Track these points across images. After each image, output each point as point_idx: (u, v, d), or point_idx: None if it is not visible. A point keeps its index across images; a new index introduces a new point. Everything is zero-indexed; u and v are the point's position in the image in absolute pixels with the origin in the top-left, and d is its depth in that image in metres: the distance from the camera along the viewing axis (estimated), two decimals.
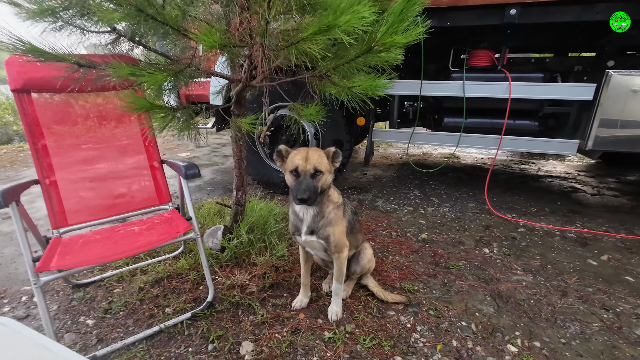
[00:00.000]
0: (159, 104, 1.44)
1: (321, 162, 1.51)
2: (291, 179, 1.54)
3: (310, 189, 1.45)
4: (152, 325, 1.79)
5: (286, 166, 1.56)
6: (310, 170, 1.48)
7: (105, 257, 1.48)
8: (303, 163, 1.48)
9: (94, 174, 2.01)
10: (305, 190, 1.42)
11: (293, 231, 1.74)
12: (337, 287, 1.82)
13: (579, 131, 2.99)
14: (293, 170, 1.50)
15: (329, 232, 1.64)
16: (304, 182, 1.46)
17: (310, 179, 1.48)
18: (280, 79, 2.00)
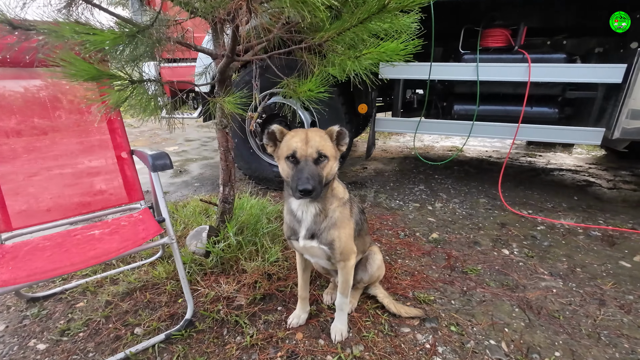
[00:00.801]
0: (110, 72, 1.11)
1: (325, 145, 1.21)
2: (287, 167, 1.23)
3: (314, 177, 1.15)
4: (117, 350, 1.47)
5: (280, 151, 1.25)
6: (312, 155, 1.19)
7: (46, 272, 1.15)
8: (303, 146, 1.18)
9: (45, 167, 1.67)
10: (308, 178, 1.12)
11: (289, 235, 1.42)
12: (341, 301, 1.51)
13: (604, 119, 2.70)
14: (290, 155, 1.20)
15: (333, 236, 1.33)
16: (305, 168, 1.16)
17: (313, 165, 1.19)
18: (272, 53, 1.67)
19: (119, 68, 1.22)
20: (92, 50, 0.99)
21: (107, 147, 1.77)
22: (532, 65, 2.61)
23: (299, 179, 1.14)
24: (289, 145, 1.21)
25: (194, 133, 6.90)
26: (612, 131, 2.62)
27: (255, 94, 2.21)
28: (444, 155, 5.07)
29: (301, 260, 1.57)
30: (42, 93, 1.66)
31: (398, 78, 3.02)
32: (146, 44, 1.18)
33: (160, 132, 7.01)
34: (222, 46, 1.84)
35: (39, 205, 1.62)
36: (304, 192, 1.12)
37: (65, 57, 0.97)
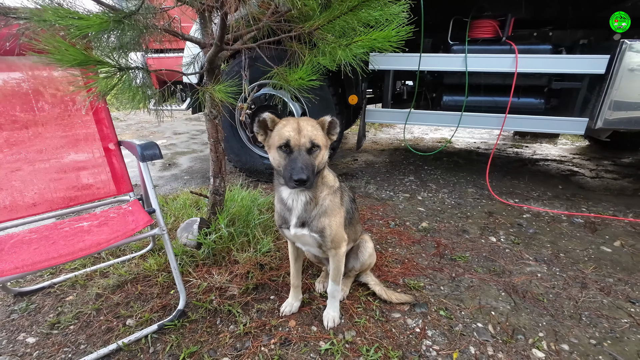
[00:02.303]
0: (98, 58, 1.08)
1: (317, 135, 1.21)
2: (280, 156, 1.22)
3: (308, 166, 1.15)
4: (109, 342, 1.46)
5: (272, 140, 1.24)
6: (305, 145, 1.18)
7: (34, 264, 1.13)
8: (296, 135, 1.18)
9: (30, 159, 1.63)
10: (302, 168, 1.12)
11: (280, 223, 1.43)
12: (333, 289, 1.53)
13: (588, 109, 2.77)
14: (283, 145, 1.19)
15: (324, 224, 1.34)
16: (299, 158, 1.16)
17: (307, 155, 1.19)
18: (262, 41, 1.65)
19: (105, 55, 1.19)
20: (77, 35, 0.96)
21: (94, 139, 1.73)
22: (520, 56, 2.65)
23: (292, 168, 1.14)
24: (281, 135, 1.20)
25: (182, 126, 6.79)
26: (595, 121, 2.69)
27: (245, 84, 2.18)
28: (433, 147, 5.13)
29: (293, 249, 1.58)
30: (23, 84, 1.61)
31: (388, 69, 3.03)
32: (133, 29, 1.15)
33: (147, 125, 6.88)
34: (210, 35, 1.81)
35: (25, 200, 1.59)
36: (298, 182, 1.12)
37: (51, 42, 0.94)
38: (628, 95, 2.53)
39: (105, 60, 1.11)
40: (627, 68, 2.47)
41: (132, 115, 7.87)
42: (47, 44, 0.96)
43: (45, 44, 0.96)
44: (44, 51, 1.01)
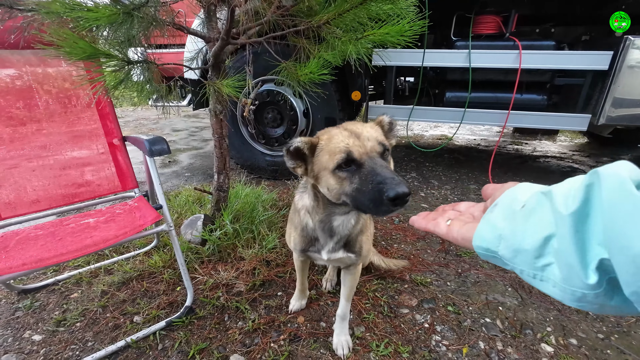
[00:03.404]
0: (106, 51, 1.06)
1: (380, 134, 0.95)
2: (339, 181, 0.88)
3: (395, 175, 0.82)
4: (117, 339, 1.45)
5: (320, 163, 0.92)
6: (375, 148, 0.88)
7: (42, 260, 1.12)
8: (356, 141, 0.87)
9: (34, 155, 1.60)
10: (395, 177, 0.78)
11: (303, 247, 1.20)
12: (345, 310, 1.39)
13: (591, 105, 2.78)
14: (342, 161, 0.86)
15: (361, 242, 1.18)
16: (378, 167, 0.82)
17: (383, 161, 0.88)
18: (268, 36, 1.63)
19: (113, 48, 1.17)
20: (86, 27, 0.94)
21: (99, 134, 1.71)
22: (523, 52, 2.65)
23: (380, 183, 0.78)
24: (334, 149, 0.87)
25: (181, 123, 6.74)
26: (597, 117, 2.70)
27: (249, 80, 2.16)
28: (434, 144, 5.13)
29: (302, 265, 1.47)
30: (26, 78, 1.58)
31: (391, 65, 3.01)
32: (141, 22, 1.13)
33: (145, 122, 6.82)
34: (215, 29, 1.79)
35: (28, 196, 1.56)
36: (401, 198, 0.75)
37: (59, 34, 0.92)
38: (631, 92, 2.53)
39: (114, 54, 1.09)
40: (631, 64, 2.47)
41: (130, 112, 7.81)
42: (55, 35, 0.94)
43: (53, 35, 0.94)
44: (51, 43, 0.99)
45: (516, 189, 0.51)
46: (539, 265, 0.42)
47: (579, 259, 0.37)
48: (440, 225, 0.60)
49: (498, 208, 0.50)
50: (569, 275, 0.39)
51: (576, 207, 0.38)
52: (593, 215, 0.37)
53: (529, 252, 0.43)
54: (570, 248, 0.38)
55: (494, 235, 0.48)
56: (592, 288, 0.37)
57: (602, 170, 0.37)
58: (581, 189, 0.38)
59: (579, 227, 0.37)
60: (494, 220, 0.49)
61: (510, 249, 0.45)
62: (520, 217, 0.46)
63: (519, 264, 0.45)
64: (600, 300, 0.37)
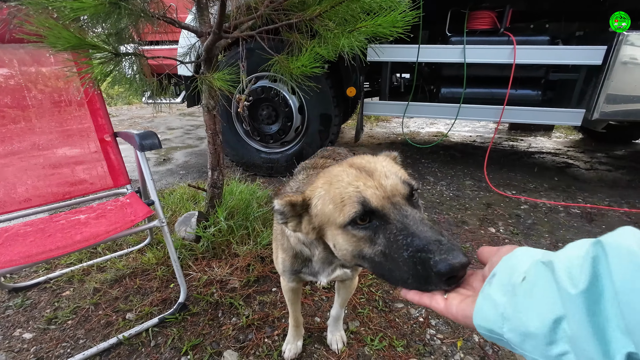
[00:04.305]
0: (93, 42, 1.04)
1: (400, 169, 0.72)
2: (355, 242, 0.63)
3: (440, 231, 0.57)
4: (109, 336, 1.43)
5: (321, 218, 0.68)
6: (400, 190, 0.64)
7: (30, 257, 1.10)
8: (372, 182, 0.64)
9: (22, 151, 1.58)
10: (449, 244, 0.53)
11: (297, 269, 0.99)
12: (340, 313, 1.35)
13: (585, 100, 2.79)
14: (360, 214, 0.61)
15: None
16: (414, 223, 0.58)
17: (414, 209, 0.63)
18: (261, 29, 1.62)
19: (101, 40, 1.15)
20: (71, 18, 0.92)
21: (89, 130, 1.69)
22: (517, 47, 2.65)
23: (424, 249, 0.53)
24: (340, 196, 0.63)
25: (176, 121, 6.70)
26: (591, 112, 2.71)
27: (243, 75, 2.14)
28: (430, 141, 5.13)
29: (293, 295, 1.23)
30: (13, 73, 1.56)
31: (386, 61, 3.01)
32: (129, 15, 1.11)
33: (140, 120, 6.77)
34: (207, 23, 1.77)
35: (16, 191, 1.54)
36: (457, 271, 0.51)
37: (43, 23, 0.90)
38: (624, 86, 2.55)
39: (100, 45, 1.07)
40: (624, 59, 2.48)
41: (124, 110, 7.75)
42: (39, 25, 0.92)
43: (37, 25, 0.92)
44: (36, 34, 0.97)
45: (513, 257, 0.45)
46: (552, 353, 0.36)
47: (600, 351, 0.31)
48: (438, 299, 0.52)
49: (496, 280, 0.45)
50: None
51: (585, 285, 0.33)
52: (607, 297, 0.31)
53: (538, 337, 0.37)
54: (587, 335, 0.32)
55: (496, 314, 0.42)
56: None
57: (607, 242, 0.33)
58: (587, 262, 0.34)
59: (592, 309, 0.32)
60: (493, 295, 0.43)
61: (516, 332, 0.39)
62: (521, 293, 0.40)
63: (530, 350, 0.38)
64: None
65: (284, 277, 1.09)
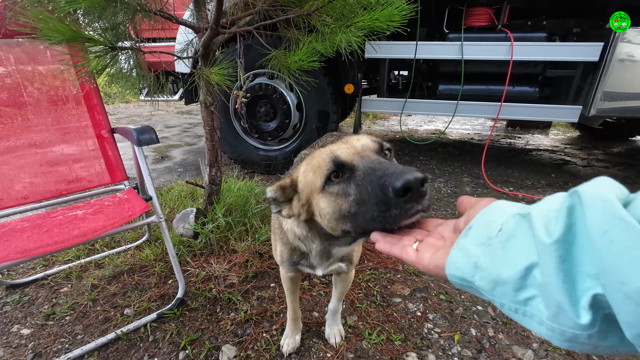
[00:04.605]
0: (88, 35, 1.03)
1: (376, 139, 0.75)
2: (333, 199, 0.65)
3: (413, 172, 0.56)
4: (107, 331, 1.43)
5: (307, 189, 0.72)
6: (369, 146, 0.70)
7: (27, 251, 1.10)
8: (345, 145, 0.70)
9: (19, 146, 1.57)
10: (404, 168, 0.56)
11: (295, 260, 1.03)
12: (337, 307, 1.35)
13: (582, 97, 2.80)
14: (331, 171, 0.66)
15: (354, 251, 1.07)
16: (377, 164, 0.61)
17: (382, 158, 0.67)
18: (258, 24, 1.62)
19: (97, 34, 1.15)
20: (66, 10, 0.91)
21: (87, 127, 1.68)
22: (515, 43, 2.66)
23: (383, 176, 0.56)
24: (318, 163, 0.69)
25: (174, 119, 6.68)
26: (588, 109, 2.72)
27: (240, 71, 2.14)
28: (428, 138, 5.14)
29: (292, 285, 1.24)
30: (10, 68, 1.55)
31: (384, 57, 3.01)
32: (126, 9, 1.11)
33: (138, 118, 6.75)
34: (205, 19, 1.76)
35: (13, 187, 1.54)
36: (414, 186, 0.52)
37: (38, 15, 0.89)
38: (621, 83, 2.56)
39: (96, 38, 1.06)
40: (620, 56, 2.49)
41: (122, 108, 7.73)
42: (34, 18, 0.91)
43: (32, 18, 0.92)
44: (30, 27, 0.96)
45: (491, 210, 0.46)
46: (520, 298, 0.37)
47: (567, 294, 0.32)
48: (408, 251, 0.51)
49: (472, 232, 0.45)
50: (557, 313, 0.34)
51: (559, 234, 0.33)
52: (579, 243, 0.33)
53: (508, 284, 0.38)
54: (557, 281, 0.33)
55: (469, 264, 0.43)
56: (585, 328, 0.32)
57: (583, 191, 0.33)
58: (563, 212, 0.34)
59: (564, 256, 0.33)
60: (468, 247, 0.44)
61: (487, 280, 0.40)
62: (497, 244, 0.41)
63: (499, 296, 0.40)
64: (594, 341, 0.33)
65: (283, 267, 1.12)
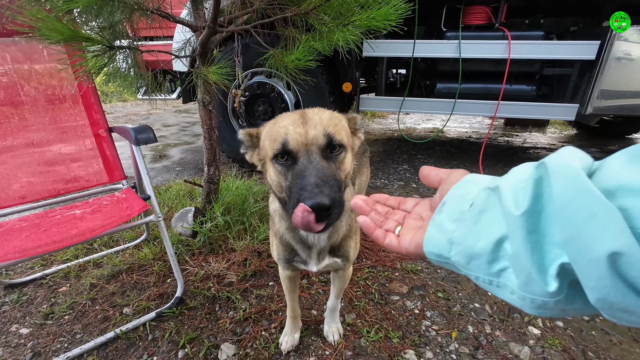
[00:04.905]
0: (86, 34, 1.03)
1: (337, 127, 0.77)
2: (276, 173, 0.77)
3: (328, 179, 0.67)
4: (106, 330, 1.44)
5: (265, 147, 0.80)
6: (317, 141, 0.73)
7: (26, 251, 1.10)
8: (298, 128, 0.73)
9: (16, 146, 1.57)
10: (319, 184, 0.65)
11: (288, 257, 1.06)
12: (335, 304, 1.35)
13: (578, 95, 2.81)
14: (279, 152, 0.74)
15: (349, 247, 1.06)
16: (310, 168, 0.69)
17: (323, 160, 0.72)
18: (256, 22, 1.61)
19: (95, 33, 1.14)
20: (64, 9, 0.91)
21: (84, 126, 1.68)
22: (512, 42, 2.67)
23: (302, 188, 0.65)
24: (275, 134, 0.75)
25: (171, 118, 6.67)
26: (585, 107, 2.74)
27: (239, 70, 2.14)
28: (426, 137, 5.15)
29: (290, 284, 1.25)
30: (7, 67, 1.54)
31: (382, 56, 3.01)
32: (123, 8, 1.11)
33: (135, 117, 6.73)
34: (202, 17, 1.76)
35: (11, 187, 1.53)
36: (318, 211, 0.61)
37: (36, 15, 0.89)
38: (618, 81, 2.57)
39: (94, 37, 1.06)
40: (617, 54, 2.50)
41: (119, 107, 7.70)
42: (32, 17, 0.91)
43: (30, 17, 0.91)
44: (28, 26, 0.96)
45: (464, 183, 0.46)
46: (493, 270, 0.38)
47: (535, 264, 0.33)
48: (391, 238, 0.53)
49: (446, 208, 0.46)
50: (526, 282, 0.35)
51: (527, 206, 0.34)
52: (546, 214, 0.33)
53: (482, 257, 0.39)
54: (525, 252, 0.34)
55: (445, 240, 0.44)
56: (553, 295, 0.33)
57: (550, 162, 0.34)
58: (530, 184, 0.35)
59: (532, 227, 0.34)
60: (442, 222, 0.45)
61: (462, 255, 0.41)
62: (469, 218, 0.42)
63: (474, 269, 0.41)
64: (561, 306, 0.34)
65: (280, 265, 1.15)
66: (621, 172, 0.30)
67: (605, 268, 0.27)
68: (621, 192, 0.28)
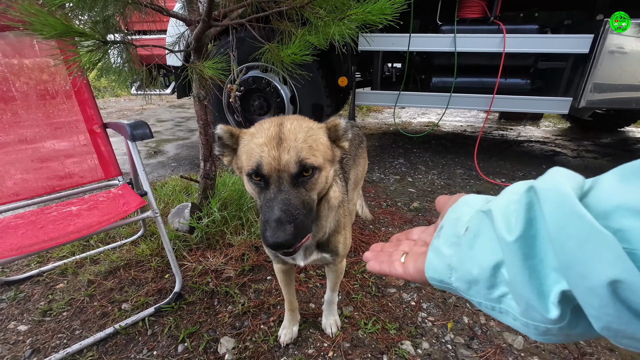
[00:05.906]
0: (80, 29, 1.01)
1: (312, 147, 0.78)
2: (252, 188, 0.81)
3: (293, 210, 0.72)
4: (105, 326, 1.44)
5: (241, 159, 0.81)
6: (289, 168, 0.75)
7: (22, 248, 1.09)
8: (272, 151, 0.74)
9: (8, 142, 1.55)
10: (281, 221, 0.69)
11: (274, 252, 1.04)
12: (332, 297, 1.38)
13: (572, 89, 2.84)
14: (252, 172, 0.77)
15: (337, 242, 1.08)
16: (277, 200, 0.73)
17: (293, 189, 0.76)
18: (250, 17, 1.60)
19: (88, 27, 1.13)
20: (57, 4, 0.89)
21: (78, 122, 1.66)
22: (507, 35, 2.67)
23: (267, 221, 0.70)
24: (250, 152, 0.77)
25: (165, 113, 6.60)
26: (578, 100, 2.76)
27: (233, 65, 2.13)
28: (421, 131, 5.17)
29: (286, 277, 1.27)
30: None
31: (377, 50, 3.00)
32: (116, 2, 1.09)
33: (129, 112, 6.66)
34: (196, 11, 1.74)
35: (4, 184, 1.52)
36: (274, 246, 0.68)
37: (28, 9, 0.88)
38: (611, 75, 2.60)
39: (88, 32, 1.04)
40: (610, 48, 2.52)
41: (112, 102, 7.60)
42: (24, 12, 0.90)
43: (22, 12, 0.90)
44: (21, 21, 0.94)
45: (459, 207, 0.46)
46: (493, 296, 0.38)
47: (534, 290, 0.32)
48: (396, 266, 0.52)
49: (443, 232, 0.45)
50: (527, 309, 0.34)
51: (520, 231, 0.33)
52: (542, 239, 0.32)
53: (480, 283, 0.38)
54: (523, 278, 0.33)
55: (444, 265, 0.43)
56: (555, 322, 0.32)
57: (539, 186, 0.33)
58: (522, 208, 0.34)
59: (528, 253, 0.33)
60: (440, 247, 0.44)
61: (463, 280, 0.41)
62: (464, 243, 0.41)
63: (475, 295, 0.40)
64: (565, 332, 0.33)
65: (273, 261, 1.19)
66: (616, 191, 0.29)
67: (606, 296, 0.26)
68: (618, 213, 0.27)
